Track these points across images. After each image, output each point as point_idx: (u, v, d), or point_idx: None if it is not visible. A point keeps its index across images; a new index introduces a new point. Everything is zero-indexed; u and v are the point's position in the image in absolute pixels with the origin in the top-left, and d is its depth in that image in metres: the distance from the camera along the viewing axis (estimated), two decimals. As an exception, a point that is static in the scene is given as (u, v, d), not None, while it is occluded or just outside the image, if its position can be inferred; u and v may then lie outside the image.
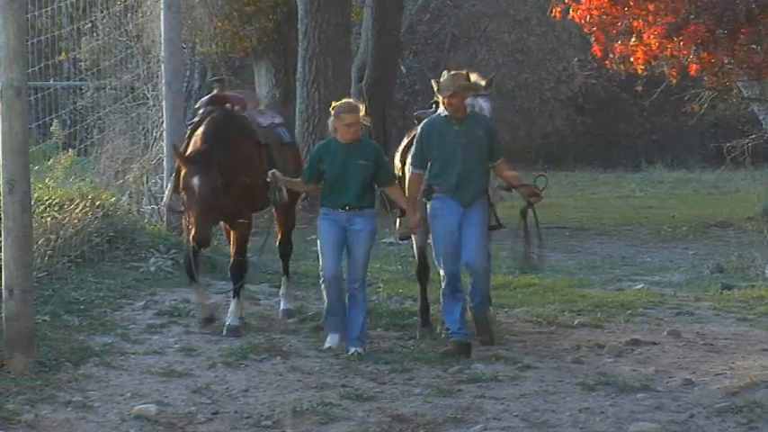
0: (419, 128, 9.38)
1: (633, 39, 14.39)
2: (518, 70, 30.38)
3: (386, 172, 9.38)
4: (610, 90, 30.18)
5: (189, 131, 9.69)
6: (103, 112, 13.02)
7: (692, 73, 14.54)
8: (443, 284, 9.19)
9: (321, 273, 9.28)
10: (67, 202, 11.31)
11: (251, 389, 8.39)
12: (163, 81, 12.31)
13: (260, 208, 9.98)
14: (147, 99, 12.86)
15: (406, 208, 9.37)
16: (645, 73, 14.84)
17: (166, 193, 9.98)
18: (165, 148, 12.28)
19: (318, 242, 9.30)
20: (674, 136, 30.99)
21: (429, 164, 9.23)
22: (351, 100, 9.57)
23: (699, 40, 13.89)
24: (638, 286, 12.61)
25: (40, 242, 10.19)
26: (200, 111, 9.85)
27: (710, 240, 17.10)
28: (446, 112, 9.18)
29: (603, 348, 9.58)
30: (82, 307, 10.09)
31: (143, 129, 13.05)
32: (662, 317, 10.90)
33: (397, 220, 9.87)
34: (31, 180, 8.94)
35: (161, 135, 12.65)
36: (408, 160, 9.53)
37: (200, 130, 9.41)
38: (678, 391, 8.35)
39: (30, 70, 9.57)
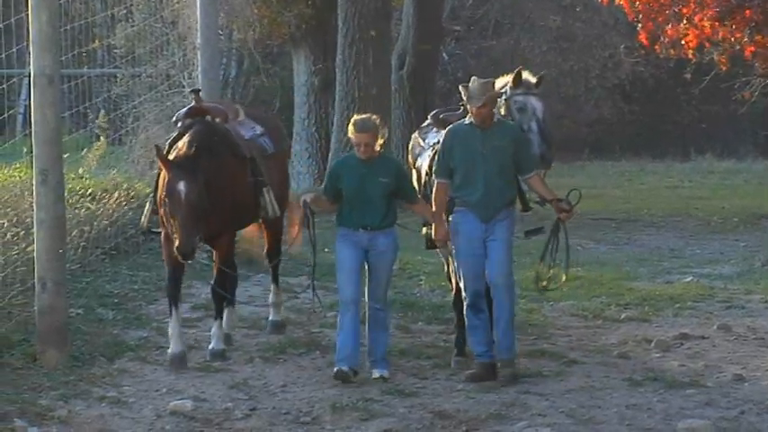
0: (443, 135, 9.00)
1: (684, 22, 14.27)
2: (563, 57, 30.13)
3: (408, 189, 8.90)
4: (658, 77, 29.87)
5: (167, 146, 9.07)
6: (138, 100, 12.90)
7: (747, 56, 14.40)
8: (466, 303, 8.67)
9: (340, 297, 8.73)
10: (101, 193, 11.23)
11: (289, 384, 8.32)
12: (199, 68, 12.17)
13: (244, 225, 9.51)
14: (183, 87, 12.70)
15: (432, 221, 8.87)
16: (694, 59, 14.70)
17: (145, 213, 9.34)
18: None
19: (337, 264, 8.73)
20: (724, 124, 30.61)
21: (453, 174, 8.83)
22: (370, 118, 8.76)
23: (753, 24, 13.76)
24: (687, 279, 12.45)
25: (73, 234, 10.11)
26: (179, 124, 9.31)
27: (762, 232, 16.92)
28: (472, 120, 8.81)
29: (651, 343, 9.49)
30: (116, 300, 10.10)
31: (178, 117, 12.89)
32: (712, 310, 10.80)
33: (424, 230, 9.35)
34: (65, 170, 8.87)
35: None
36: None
37: (184, 139, 8.87)
38: (728, 387, 8.28)
39: (63, 58, 9.48)
